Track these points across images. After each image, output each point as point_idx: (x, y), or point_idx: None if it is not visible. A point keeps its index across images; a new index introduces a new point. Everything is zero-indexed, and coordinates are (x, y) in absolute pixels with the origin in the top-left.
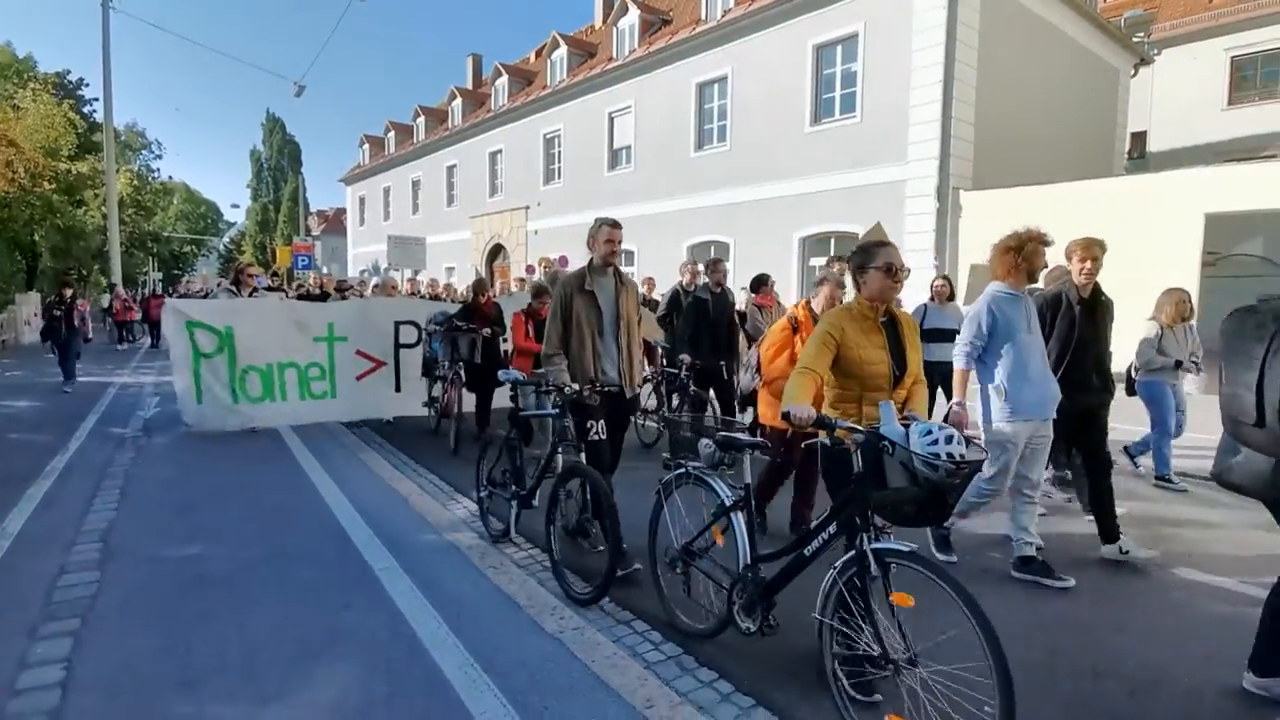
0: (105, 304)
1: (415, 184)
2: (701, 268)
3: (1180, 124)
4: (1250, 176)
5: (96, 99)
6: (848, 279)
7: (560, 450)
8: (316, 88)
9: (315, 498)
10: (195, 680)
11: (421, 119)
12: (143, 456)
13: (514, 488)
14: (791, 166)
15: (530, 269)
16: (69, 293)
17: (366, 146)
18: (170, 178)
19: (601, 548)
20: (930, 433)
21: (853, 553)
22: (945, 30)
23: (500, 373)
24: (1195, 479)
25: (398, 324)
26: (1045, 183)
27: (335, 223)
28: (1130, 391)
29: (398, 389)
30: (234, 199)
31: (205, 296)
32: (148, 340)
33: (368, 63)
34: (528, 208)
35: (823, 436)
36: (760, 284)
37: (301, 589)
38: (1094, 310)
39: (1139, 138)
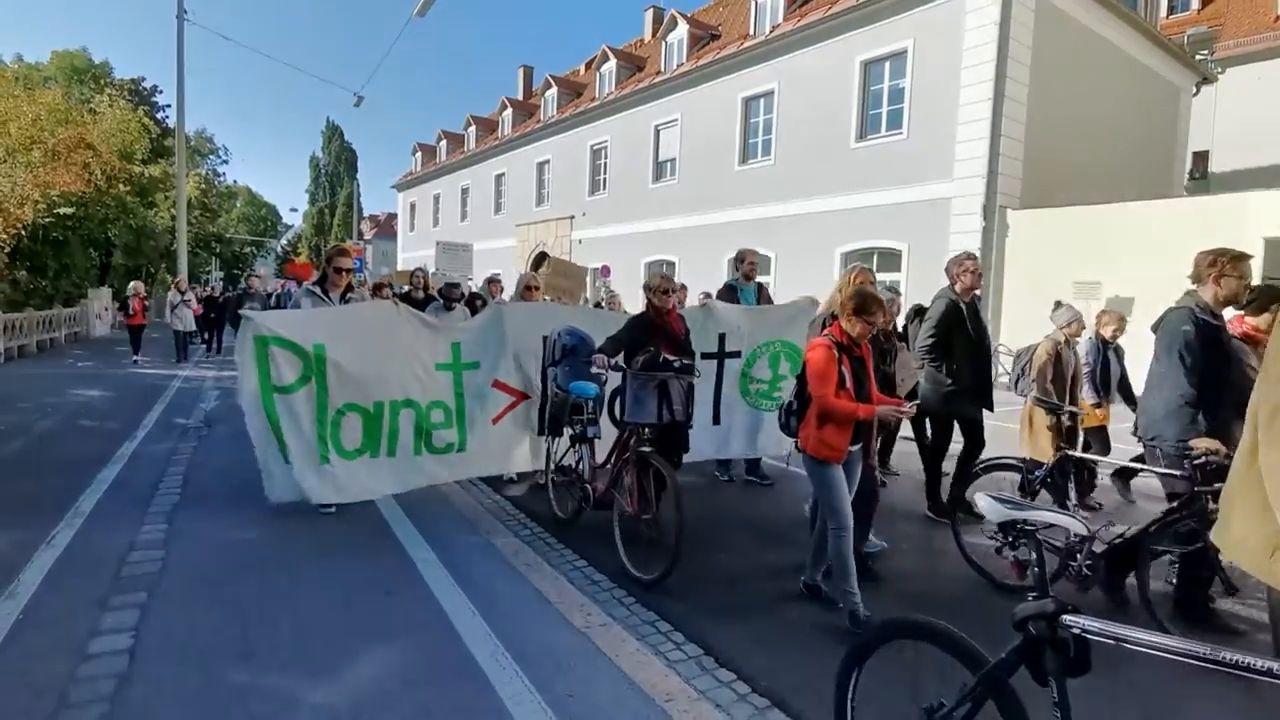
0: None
1: (465, 191)
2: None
3: (1244, 144)
4: None
5: (169, 105)
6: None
7: None
8: (373, 97)
9: None
10: (251, 652)
11: (473, 128)
12: (204, 445)
13: None
14: (836, 182)
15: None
16: None
17: (419, 154)
18: (235, 181)
19: None
20: None
21: None
22: (996, 48)
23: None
24: None
25: (548, 340)
26: (1097, 203)
27: (387, 227)
28: None
29: (540, 431)
30: (292, 202)
31: (276, 303)
32: (202, 347)
33: (423, 73)
34: (573, 217)
35: None
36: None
37: (346, 573)
38: None
39: (1201, 157)
